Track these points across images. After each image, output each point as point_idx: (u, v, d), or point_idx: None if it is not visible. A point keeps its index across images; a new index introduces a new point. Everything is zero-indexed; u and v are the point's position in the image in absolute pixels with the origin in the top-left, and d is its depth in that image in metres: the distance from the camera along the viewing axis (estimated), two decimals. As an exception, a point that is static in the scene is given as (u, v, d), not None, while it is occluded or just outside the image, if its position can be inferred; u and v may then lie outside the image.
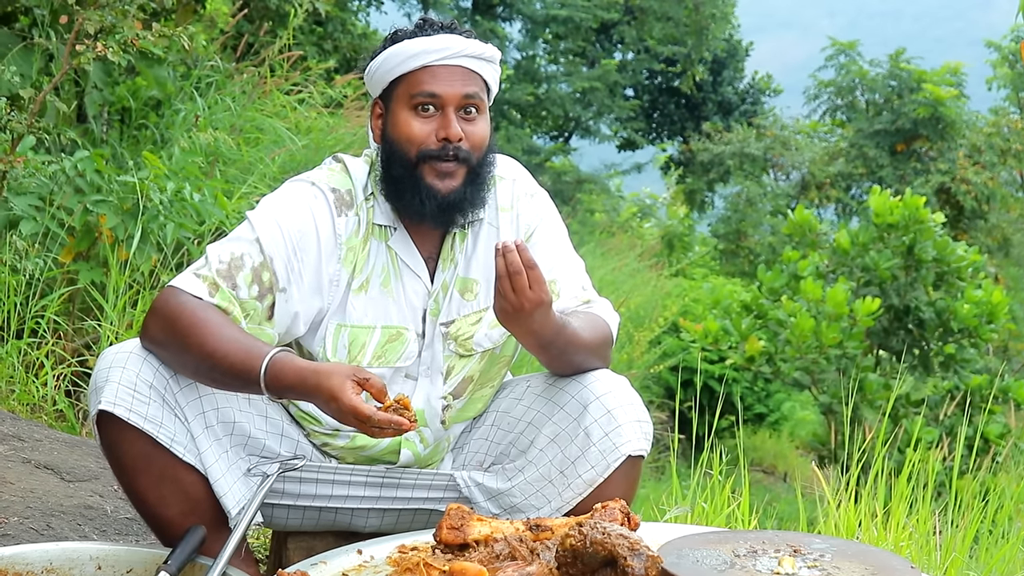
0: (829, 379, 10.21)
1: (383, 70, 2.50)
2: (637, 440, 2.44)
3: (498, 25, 21.74)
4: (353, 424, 2.18)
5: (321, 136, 7.49)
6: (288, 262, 2.42)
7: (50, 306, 4.52)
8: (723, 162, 21.13)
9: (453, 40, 2.48)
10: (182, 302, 2.33)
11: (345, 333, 2.49)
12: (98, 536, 3.15)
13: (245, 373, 2.25)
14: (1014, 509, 4.27)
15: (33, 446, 3.75)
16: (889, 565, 2.08)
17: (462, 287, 2.57)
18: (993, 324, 10.08)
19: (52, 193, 4.57)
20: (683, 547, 2.13)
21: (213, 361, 2.27)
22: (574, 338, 2.44)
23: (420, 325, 2.55)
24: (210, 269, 2.38)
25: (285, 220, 2.45)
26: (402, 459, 2.59)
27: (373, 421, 2.14)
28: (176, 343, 2.31)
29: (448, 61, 2.47)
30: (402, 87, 2.48)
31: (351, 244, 2.50)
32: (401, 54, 2.47)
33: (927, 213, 10.21)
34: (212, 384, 2.35)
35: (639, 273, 14.51)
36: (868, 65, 20.48)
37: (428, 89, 2.45)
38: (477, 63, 2.50)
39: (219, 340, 2.28)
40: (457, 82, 2.47)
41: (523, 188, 2.65)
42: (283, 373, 2.24)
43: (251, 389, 2.28)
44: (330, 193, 2.51)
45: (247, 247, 2.42)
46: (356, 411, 2.15)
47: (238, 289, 2.38)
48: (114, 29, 5.15)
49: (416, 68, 2.46)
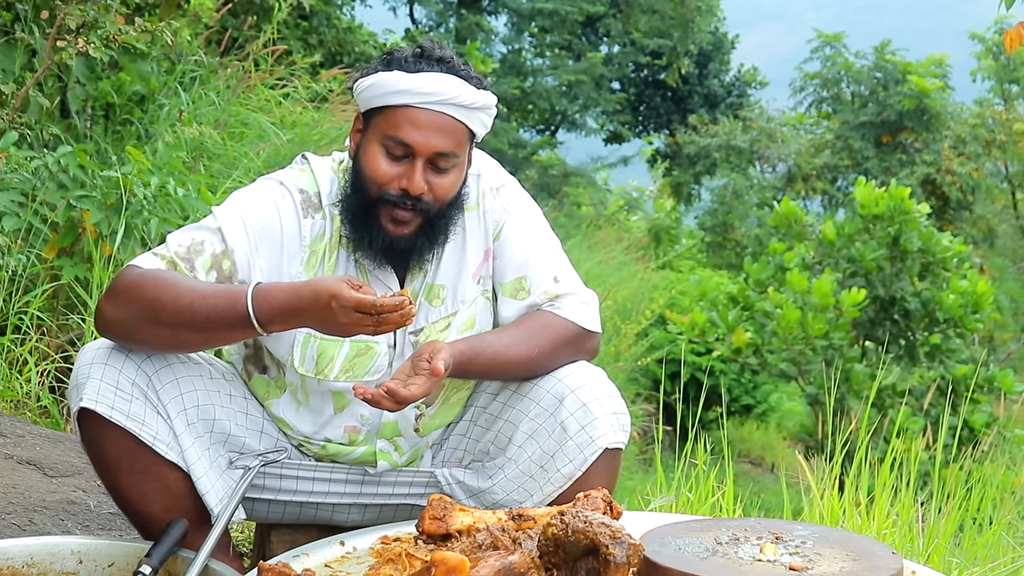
0: (816, 370, 10.23)
1: (368, 94, 2.41)
2: (614, 432, 2.43)
3: (484, 19, 21.73)
4: (355, 326, 2.14)
5: (306, 131, 7.46)
6: (249, 256, 2.39)
7: (33, 302, 4.50)
8: (709, 155, 21.16)
9: (444, 84, 2.37)
10: (141, 273, 2.29)
11: (314, 345, 2.45)
12: (81, 531, 3.14)
13: (230, 309, 2.21)
14: (998, 497, 4.29)
15: (16, 442, 3.74)
16: (871, 551, 2.09)
17: (429, 294, 2.52)
18: (978, 314, 10.13)
19: (35, 189, 4.54)
20: (665, 535, 2.13)
21: (192, 311, 2.23)
22: (501, 358, 2.44)
23: (392, 336, 2.50)
24: (168, 251, 2.36)
25: (249, 215, 2.41)
26: (379, 468, 2.57)
27: (379, 306, 2.11)
28: (144, 311, 2.25)
29: (432, 107, 2.37)
30: (381, 119, 2.40)
31: (315, 247, 2.46)
32: (387, 86, 2.38)
33: (912, 204, 10.25)
34: (195, 340, 2.29)
35: (626, 266, 14.52)
36: (854, 57, 20.55)
37: (402, 137, 2.37)
38: (464, 112, 2.40)
39: (194, 291, 2.25)
40: (434, 135, 2.37)
41: (489, 182, 2.59)
42: (272, 293, 2.21)
43: (240, 327, 2.23)
44: (298, 194, 2.47)
45: (208, 235, 2.39)
46: (361, 302, 2.11)
47: (196, 272, 2.34)
48: (96, 24, 5.13)
49: (398, 105, 2.38)
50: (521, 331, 2.48)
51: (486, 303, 2.58)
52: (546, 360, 2.48)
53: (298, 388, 2.52)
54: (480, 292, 2.56)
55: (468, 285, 2.55)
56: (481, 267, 2.56)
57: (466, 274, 2.54)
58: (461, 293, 2.54)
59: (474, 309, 2.55)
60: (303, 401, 2.52)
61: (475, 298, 2.55)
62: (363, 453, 2.56)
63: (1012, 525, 4.11)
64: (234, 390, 2.51)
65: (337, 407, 2.52)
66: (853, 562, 2.02)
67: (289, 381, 2.52)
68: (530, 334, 2.48)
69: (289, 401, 2.53)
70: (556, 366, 2.49)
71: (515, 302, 2.55)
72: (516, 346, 2.46)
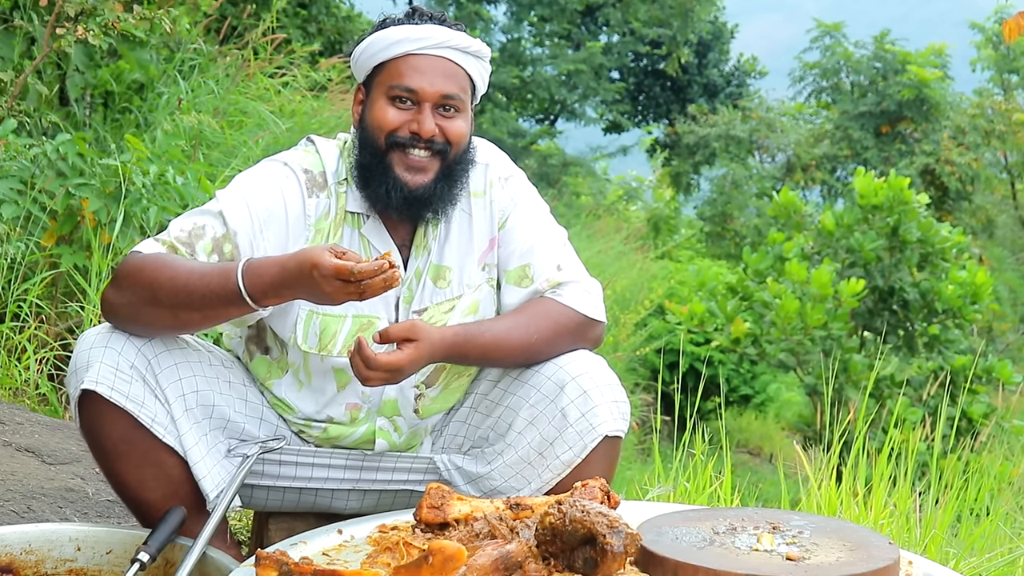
0: (814, 360, 10.24)
1: (366, 55, 2.47)
2: (613, 420, 2.44)
3: (483, 8, 21.72)
4: (340, 292, 2.14)
5: (305, 119, 7.46)
6: (253, 238, 2.41)
7: (32, 290, 4.50)
8: (709, 144, 21.14)
9: (438, 30, 2.44)
10: (142, 258, 2.32)
11: (317, 321, 2.48)
12: (79, 518, 3.14)
13: (223, 287, 2.23)
14: (995, 487, 4.29)
15: (14, 429, 3.74)
16: (867, 541, 2.09)
17: (435, 274, 2.55)
18: (977, 305, 10.13)
19: (34, 176, 4.54)
20: (663, 525, 2.13)
21: (189, 290, 2.25)
22: (500, 342, 2.45)
23: (393, 313, 2.53)
24: (170, 236, 2.39)
25: (253, 197, 2.44)
26: (377, 448, 2.58)
27: (357, 272, 2.11)
28: (147, 292, 2.27)
29: (431, 51, 2.43)
30: (383, 75, 2.46)
31: (320, 226, 2.49)
32: (384, 40, 2.44)
33: (911, 194, 10.24)
34: (194, 319, 2.30)
35: (625, 256, 14.52)
36: (853, 47, 20.51)
37: (406, 83, 2.42)
38: (462, 56, 2.46)
39: (192, 269, 2.27)
40: (438, 78, 2.43)
41: (497, 172, 2.62)
42: (261, 267, 2.22)
43: (235, 303, 2.24)
44: (302, 173, 2.50)
45: (209, 219, 2.41)
46: (339, 268, 2.11)
47: (196, 256, 2.37)
48: (95, 12, 5.11)
49: (398, 56, 2.43)
50: (521, 317, 2.50)
51: (491, 291, 2.60)
52: (546, 346, 2.49)
53: (300, 368, 2.53)
54: (485, 279, 2.59)
55: (474, 270, 2.57)
56: (486, 254, 2.59)
57: (472, 259, 2.57)
58: (467, 277, 2.56)
59: (479, 295, 2.57)
60: (305, 381, 2.54)
61: (480, 284, 2.57)
62: (363, 433, 2.57)
63: (1009, 515, 4.12)
64: (233, 377, 2.52)
65: (340, 384, 2.53)
66: (850, 552, 2.03)
67: (291, 361, 2.53)
68: (530, 320, 2.49)
69: (291, 382, 2.54)
70: (556, 353, 2.50)
71: (518, 289, 2.57)
72: (515, 331, 2.47)
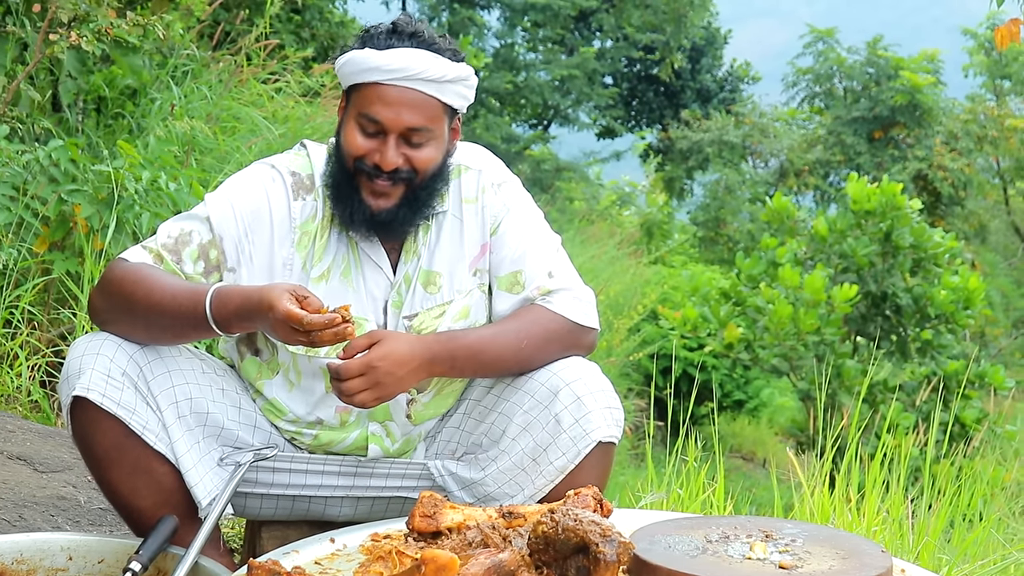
0: (807, 365, 10.23)
1: (343, 73, 2.47)
2: (607, 427, 2.44)
3: (476, 13, 21.73)
4: (291, 337, 2.18)
5: (298, 125, 7.45)
6: (239, 242, 2.44)
7: (24, 296, 4.50)
8: (702, 150, 21.15)
9: (412, 60, 2.39)
10: (124, 268, 2.36)
11: None
12: (71, 527, 3.13)
13: (192, 311, 2.27)
14: (988, 493, 4.30)
15: (6, 437, 3.73)
16: (860, 549, 2.09)
17: (425, 280, 2.55)
18: (970, 310, 10.13)
19: (26, 182, 4.53)
20: (655, 533, 2.13)
21: (162, 308, 2.29)
22: (487, 347, 2.46)
23: (381, 317, 2.53)
24: (156, 243, 2.42)
25: (239, 201, 2.46)
26: (370, 454, 2.58)
27: (306, 323, 2.15)
28: (124, 303, 2.33)
29: (400, 83, 2.40)
30: (356, 96, 2.45)
31: (306, 229, 2.49)
32: (358, 64, 2.42)
33: (904, 200, 10.24)
34: (166, 336, 2.36)
35: (618, 261, 14.53)
36: (846, 52, 20.52)
37: (372, 114, 2.41)
38: (435, 87, 2.42)
39: (164, 288, 2.31)
40: (404, 110, 2.40)
41: (490, 178, 2.61)
42: (228, 297, 2.26)
43: (201, 327, 2.29)
44: (289, 176, 2.51)
45: (196, 225, 2.44)
46: (289, 315, 2.15)
47: (183, 263, 2.41)
48: (88, 17, 5.11)
49: (368, 83, 2.42)
50: (509, 324, 2.50)
51: (482, 296, 2.59)
52: (536, 353, 2.49)
53: (290, 368, 2.54)
54: (477, 285, 2.58)
55: (464, 276, 2.57)
56: (478, 260, 2.58)
57: (463, 264, 2.56)
58: (458, 283, 2.56)
59: (470, 300, 2.56)
60: (295, 381, 2.54)
61: (471, 289, 2.57)
62: (355, 439, 2.57)
63: (1002, 521, 4.12)
64: (226, 384, 2.52)
65: (328, 385, 2.53)
66: (842, 560, 2.03)
67: (281, 361, 2.54)
68: (519, 327, 2.49)
69: (282, 382, 2.55)
70: (547, 360, 2.50)
71: (509, 296, 2.56)
72: (503, 337, 2.47)
